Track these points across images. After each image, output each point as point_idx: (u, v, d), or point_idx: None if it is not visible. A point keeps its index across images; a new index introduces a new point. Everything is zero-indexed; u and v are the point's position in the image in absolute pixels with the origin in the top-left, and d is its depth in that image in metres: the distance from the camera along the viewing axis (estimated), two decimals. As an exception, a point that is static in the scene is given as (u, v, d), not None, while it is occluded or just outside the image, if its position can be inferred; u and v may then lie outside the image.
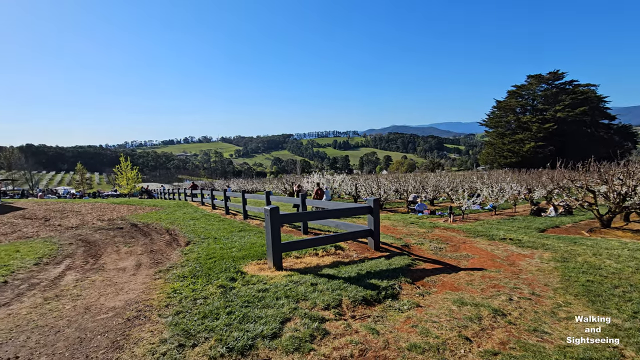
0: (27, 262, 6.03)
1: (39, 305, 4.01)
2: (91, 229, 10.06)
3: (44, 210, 15.42)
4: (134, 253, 6.77)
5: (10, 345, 3.05)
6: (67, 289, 4.63)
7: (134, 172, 37.65)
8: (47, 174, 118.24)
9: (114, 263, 6.03)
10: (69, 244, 7.89)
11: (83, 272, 5.50)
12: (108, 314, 3.68)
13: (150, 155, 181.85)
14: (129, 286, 4.64)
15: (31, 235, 10.53)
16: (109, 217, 12.91)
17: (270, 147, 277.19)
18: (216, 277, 4.70)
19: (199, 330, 3.16)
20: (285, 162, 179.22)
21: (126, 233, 9.14)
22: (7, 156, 61.81)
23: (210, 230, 8.80)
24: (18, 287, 4.77)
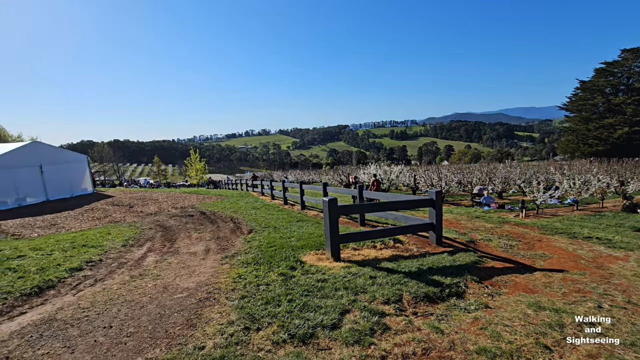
0: (117, 244, 6.87)
1: (126, 282, 4.54)
2: (167, 216, 11.12)
3: (128, 198, 17.46)
4: (203, 239, 7.33)
5: (105, 315, 3.50)
6: (148, 269, 5.17)
7: (202, 164, 40.75)
8: (130, 166, 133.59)
9: (186, 247, 6.60)
10: (149, 228, 8.81)
11: (161, 254, 6.11)
12: (182, 293, 4.04)
13: (215, 148, 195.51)
14: (199, 269, 5.03)
15: (119, 220, 11.98)
16: (181, 205, 14.16)
17: (325, 138, 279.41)
18: (277, 265, 4.88)
19: (262, 315, 3.31)
20: (340, 153, 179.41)
21: (196, 220, 9.93)
22: (99, 151, 71.07)
23: (270, 219, 9.16)
24: (110, 265, 5.46)
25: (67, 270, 4.98)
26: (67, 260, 5.46)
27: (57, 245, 6.53)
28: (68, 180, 18.84)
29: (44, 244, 6.84)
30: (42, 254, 5.89)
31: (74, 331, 3.18)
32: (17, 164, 16.32)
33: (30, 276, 4.65)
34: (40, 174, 17.17)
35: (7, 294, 4.03)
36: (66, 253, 5.95)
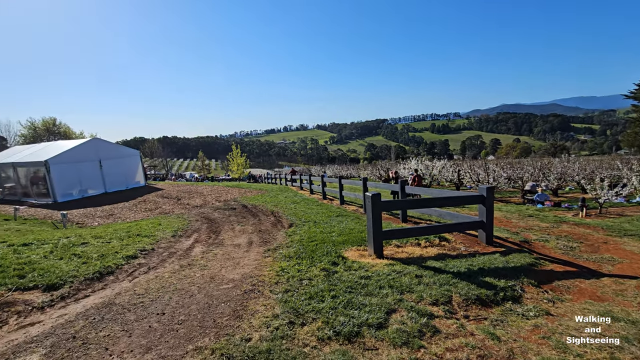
0: (167, 234, 7.25)
1: (176, 271, 4.76)
2: (211, 208, 11.59)
3: (176, 191, 18.46)
4: (246, 232, 7.52)
5: (158, 302, 3.68)
6: (196, 259, 5.39)
7: (243, 159, 42.10)
8: (177, 161, 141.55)
9: (230, 239, 6.80)
10: (195, 220, 9.22)
11: (207, 245, 6.35)
12: (228, 284, 4.14)
13: (254, 144, 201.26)
14: (243, 261, 5.15)
15: (168, 211, 12.68)
16: (224, 198, 14.70)
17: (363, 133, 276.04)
18: (319, 260, 4.85)
19: (306, 310, 3.29)
20: (379, 147, 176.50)
21: (238, 213, 10.24)
22: (150, 146, 76.06)
23: (310, 214, 9.19)
24: (161, 254, 5.76)
25: (124, 258, 5.33)
26: (123, 249, 5.85)
27: (115, 234, 7.02)
28: (123, 173, 20.29)
29: (103, 232, 7.40)
30: (102, 241, 6.37)
31: (130, 316, 3.38)
32: (81, 158, 17.84)
33: (92, 262, 5.04)
34: (99, 168, 18.65)
35: (74, 278, 4.39)
36: (123, 241, 6.38)
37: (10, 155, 21.09)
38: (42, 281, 4.21)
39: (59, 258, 5.21)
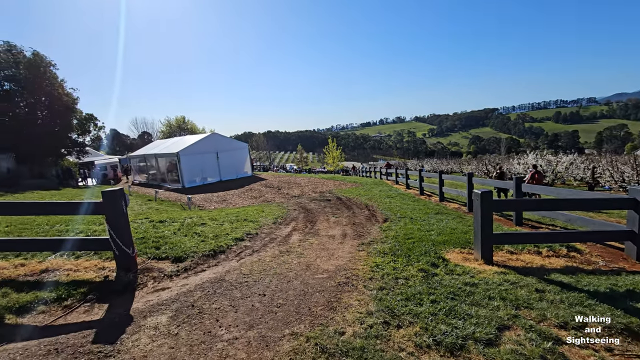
0: (268, 221, 7.82)
1: (276, 256, 5.07)
2: (308, 199, 12.11)
3: (277, 181, 19.92)
4: (340, 224, 7.58)
5: (260, 284, 3.95)
6: (293, 246, 5.65)
7: (338, 152, 43.07)
8: (279, 153, 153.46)
9: (325, 230, 6.95)
10: (293, 209, 9.74)
11: (304, 234, 6.61)
12: (323, 275, 4.20)
13: (350, 137, 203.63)
14: (337, 253, 5.18)
15: (270, 200, 13.73)
16: (320, 189, 15.22)
17: (467, 124, 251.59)
18: (416, 259, 4.55)
19: (402, 312, 3.09)
20: (485, 140, 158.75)
21: (333, 205, 10.43)
22: (256, 140, 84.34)
23: (405, 209, 8.77)
24: (263, 239, 6.23)
25: (233, 240, 5.93)
26: (233, 231, 6.52)
27: (227, 218, 7.90)
28: (235, 164, 22.82)
29: (217, 215, 8.40)
30: (216, 223, 7.22)
31: (237, 293, 3.70)
32: (202, 151, 20.68)
33: (208, 241, 5.74)
34: (216, 159, 21.31)
35: (194, 253, 5.06)
36: (232, 225, 7.13)
37: (153, 147, 25.77)
38: (171, 253, 4.97)
39: (184, 235, 6.10)
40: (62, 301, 3.50)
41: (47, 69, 24.42)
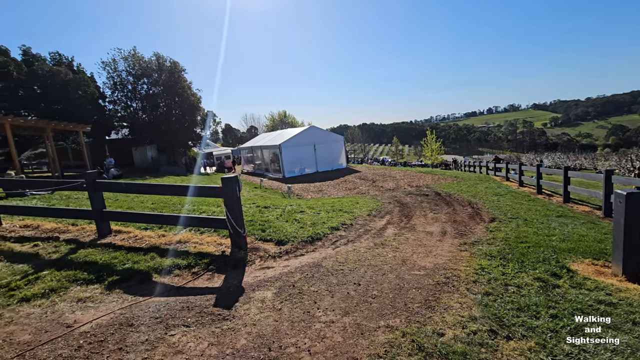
0: (363, 212, 7.86)
1: (370, 248, 5.07)
2: (403, 193, 11.73)
3: (371, 174, 19.82)
4: (439, 220, 7.15)
5: (355, 273, 4.02)
6: (388, 240, 5.56)
7: (437, 144, 40.41)
8: (373, 146, 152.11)
9: (422, 226, 6.64)
10: (388, 202, 9.57)
11: (399, 228, 6.44)
12: (420, 271, 4.03)
13: (451, 128, 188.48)
14: (436, 251, 4.90)
15: (364, 192, 13.77)
16: (416, 183, 14.58)
17: (605, 111, 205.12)
18: (532, 266, 3.99)
19: (513, 322, 2.76)
20: (631, 131, 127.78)
21: (431, 200, 9.88)
22: (351, 132, 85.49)
23: (518, 209, 7.75)
24: (358, 230, 6.29)
25: (329, 228, 6.15)
26: (329, 220, 6.77)
27: (323, 207, 8.23)
28: (330, 156, 23.53)
29: (314, 204, 8.82)
30: (313, 212, 7.60)
31: (333, 279, 3.84)
32: (301, 143, 21.88)
33: (306, 228, 6.08)
34: (314, 151, 22.31)
35: (294, 238, 5.43)
36: (328, 214, 7.39)
37: (259, 140, 28.40)
38: (275, 236, 5.44)
39: (285, 221, 6.59)
40: (191, 268, 4.18)
41: (180, 74, 29.07)
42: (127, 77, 28.28)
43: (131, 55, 28.30)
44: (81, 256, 4.50)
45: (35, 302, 3.36)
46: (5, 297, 3.45)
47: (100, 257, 4.40)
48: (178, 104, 29.18)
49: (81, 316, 3.09)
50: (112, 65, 27.95)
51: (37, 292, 3.51)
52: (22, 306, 3.30)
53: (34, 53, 22.65)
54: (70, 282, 3.75)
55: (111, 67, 27.93)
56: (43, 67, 21.16)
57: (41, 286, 3.63)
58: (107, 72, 27.89)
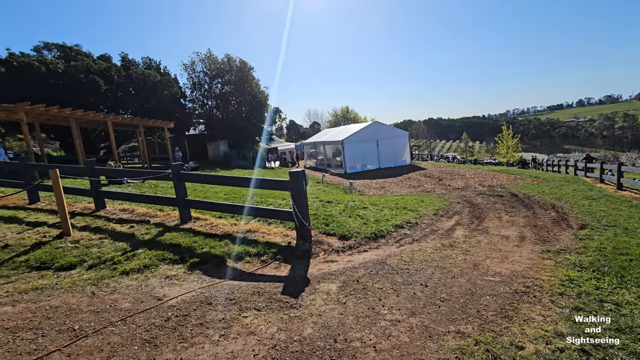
0: (429, 211, 7.52)
1: (438, 249, 4.84)
2: (473, 192, 10.95)
3: (438, 171, 18.85)
4: (516, 224, 6.53)
5: (422, 274, 3.88)
6: (457, 242, 5.25)
7: (514, 141, 36.84)
8: (440, 142, 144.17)
9: (496, 229, 6.14)
10: (456, 202, 9.02)
11: (469, 230, 6.04)
12: (495, 278, 3.74)
13: (531, 123, 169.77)
14: (513, 257, 4.49)
15: (430, 190, 13.18)
16: (489, 183, 13.50)
17: None
18: (635, 282, 3.44)
19: (613, 344, 2.41)
20: None
21: (506, 202, 9.07)
22: (416, 128, 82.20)
23: (616, 217, 6.72)
24: (424, 230, 6.05)
25: (393, 226, 6.01)
26: (392, 218, 6.62)
27: (386, 204, 8.07)
28: (394, 152, 22.93)
29: (377, 201, 8.69)
30: (376, 209, 7.49)
31: (398, 278, 3.75)
32: (363, 138, 21.68)
33: (370, 224, 6.02)
34: (376, 146, 21.96)
35: (357, 234, 5.42)
36: (392, 212, 7.23)
37: (321, 136, 28.81)
38: (338, 231, 5.49)
39: (347, 216, 6.61)
40: (260, 256, 4.43)
41: (249, 73, 30.77)
42: (204, 78, 30.85)
43: (207, 57, 30.76)
44: (167, 239, 5.05)
45: (133, 276, 3.87)
46: (110, 269, 4.04)
47: (183, 241, 4.89)
48: (247, 101, 31.00)
49: (169, 291, 3.48)
50: (192, 67, 30.72)
51: (134, 267, 4.04)
52: (123, 278, 3.82)
53: (130, 59, 25.88)
54: (160, 261, 4.24)
55: (190, 69, 30.72)
56: (137, 71, 24.07)
57: (137, 262, 4.17)
58: (187, 74, 30.75)
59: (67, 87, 19.03)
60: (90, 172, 6.71)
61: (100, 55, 24.24)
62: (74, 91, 19.18)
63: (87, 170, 6.73)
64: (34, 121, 16.18)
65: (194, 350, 2.51)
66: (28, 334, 2.75)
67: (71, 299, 3.34)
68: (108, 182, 10.54)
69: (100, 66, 21.60)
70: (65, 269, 4.10)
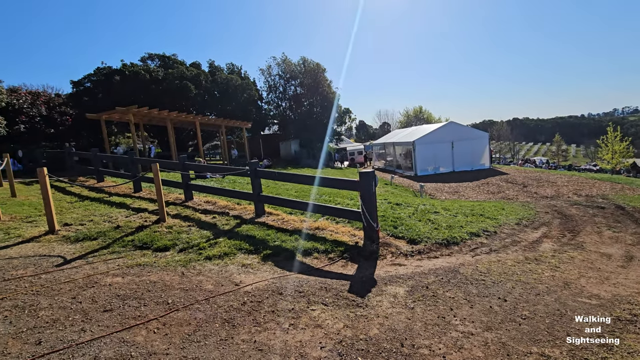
0: (510, 221, 6.86)
1: (520, 262, 4.40)
2: (566, 202, 9.66)
3: (522, 177, 17.04)
4: (621, 241, 5.60)
5: (500, 287, 3.57)
6: (544, 256, 4.71)
7: (623, 145, 31.42)
8: (526, 145, 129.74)
9: (594, 245, 5.34)
10: (544, 212, 8.06)
11: (560, 244, 5.37)
12: (590, 300, 3.27)
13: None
14: (616, 278, 3.87)
15: (512, 197, 12.01)
16: (586, 192, 11.77)
17: None
18: None
19: None
20: None
21: (609, 215, 7.81)
22: (497, 129, 75.11)
23: None
24: (504, 240, 5.54)
25: (467, 233, 5.63)
26: (467, 225, 6.19)
27: (460, 210, 7.58)
28: (470, 155, 21.39)
29: (450, 206, 8.21)
30: (449, 214, 7.09)
31: (472, 289, 3.52)
32: (437, 140, 20.64)
33: (441, 230, 5.73)
34: (451, 148, 20.73)
35: (427, 239, 5.20)
36: (467, 218, 6.76)
37: (391, 137, 28.20)
38: (407, 234, 5.34)
39: (417, 220, 6.38)
40: (327, 253, 4.55)
41: (322, 74, 31.49)
42: (279, 81, 32.50)
43: (282, 60, 32.34)
44: (244, 230, 5.48)
45: (214, 262, 4.29)
46: (196, 254, 4.54)
47: (257, 233, 5.26)
48: (319, 102, 31.81)
49: (245, 278, 3.78)
50: (268, 71, 32.60)
51: (215, 253, 4.48)
52: (206, 262, 4.27)
53: (216, 65, 28.52)
54: (237, 250, 4.62)
55: (267, 73, 32.62)
56: (221, 76, 26.41)
57: (218, 250, 4.61)
58: (264, 77, 32.74)
59: (165, 92, 21.74)
60: (182, 167, 7.59)
61: (192, 62, 27.15)
62: (170, 95, 21.83)
63: (180, 165, 7.62)
64: (139, 122, 18.85)
65: (266, 334, 2.70)
66: (134, 302, 3.24)
67: (166, 276, 3.84)
68: (195, 176, 11.79)
69: (191, 72, 24.20)
70: (161, 250, 4.73)
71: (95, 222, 6.10)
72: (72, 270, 4.07)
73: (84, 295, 3.37)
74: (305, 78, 31.57)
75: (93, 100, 19.49)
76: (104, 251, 4.71)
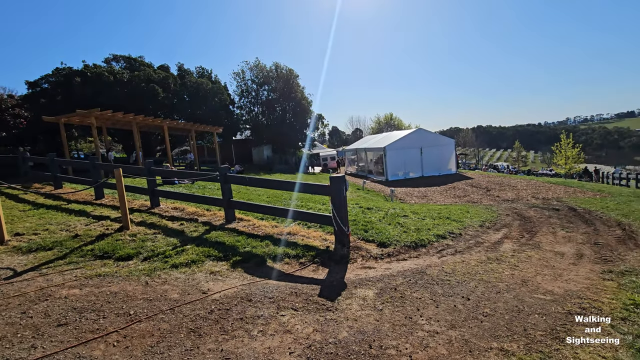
0: (474, 222, 7.18)
1: (483, 262, 4.61)
2: (525, 205, 10.24)
3: (486, 181, 17.88)
4: (573, 240, 6.01)
5: (463, 286, 3.72)
6: (505, 255, 4.96)
7: (575, 151, 33.88)
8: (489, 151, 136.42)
9: (549, 244, 5.70)
10: (505, 214, 8.50)
11: (519, 244, 5.67)
12: (545, 296, 3.48)
13: (595, 132, 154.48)
14: (568, 275, 4.15)
15: (476, 201, 12.56)
16: (543, 196, 12.54)
17: None
18: None
19: (684, 379, 2.15)
20: None
21: (563, 216, 8.37)
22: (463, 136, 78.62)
23: (697, 237, 5.92)
24: (468, 241, 5.78)
25: (435, 236, 5.82)
26: (434, 227, 6.41)
27: (428, 213, 7.83)
28: (438, 160, 22.18)
29: (419, 209, 8.46)
30: (418, 217, 7.30)
31: (438, 289, 3.64)
32: (406, 146, 21.23)
33: (410, 233, 5.89)
34: (420, 154, 21.40)
35: (396, 242, 5.32)
36: (434, 221, 7.00)
37: (363, 142, 28.67)
38: (377, 238, 5.44)
39: (387, 223, 6.52)
40: (299, 258, 4.53)
41: (295, 80, 31.58)
42: (252, 85, 32.22)
43: (255, 65, 32.12)
44: (213, 237, 5.35)
45: (181, 270, 4.15)
46: (162, 262, 4.37)
47: (227, 239, 5.15)
48: (291, 107, 31.82)
49: (213, 286, 3.69)
50: (241, 76, 32.25)
51: (182, 261, 4.34)
52: (172, 271, 4.12)
53: (185, 68, 27.82)
54: (205, 257, 4.50)
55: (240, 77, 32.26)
56: (191, 80, 25.80)
57: (185, 257, 4.47)
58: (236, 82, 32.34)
59: (131, 94, 20.89)
60: (147, 173, 7.31)
61: (160, 65, 26.33)
62: (136, 98, 21.00)
63: (145, 170, 7.34)
64: (101, 125, 17.96)
65: (234, 342, 2.64)
66: (92, 314, 3.07)
67: (128, 286, 3.67)
68: (162, 182, 11.38)
69: (159, 75, 23.45)
70: (123, 259, 4.51)
71: (50, 232, 5.72)
72: (22, 283, 3.79)
73: (35, 310, 3.15)
74: (278, 83, 31.50)
75: (51, 102, 18.39)
76: (60, 262, 4.43)
